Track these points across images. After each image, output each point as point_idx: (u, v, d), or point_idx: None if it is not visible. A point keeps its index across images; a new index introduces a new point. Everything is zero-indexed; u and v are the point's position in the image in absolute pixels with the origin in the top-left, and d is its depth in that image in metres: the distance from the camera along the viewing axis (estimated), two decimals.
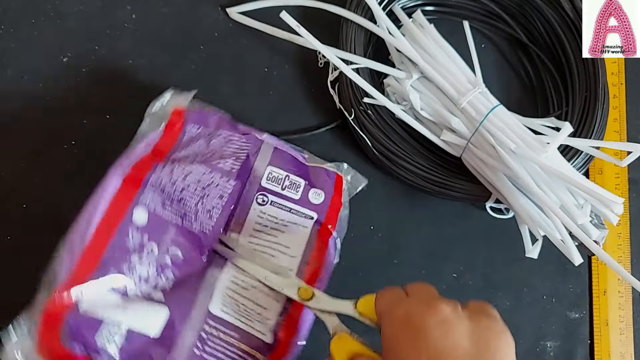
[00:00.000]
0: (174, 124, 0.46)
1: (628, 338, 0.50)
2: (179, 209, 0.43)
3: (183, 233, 0.43)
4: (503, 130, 0.45)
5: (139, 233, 0.42)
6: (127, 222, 0.42)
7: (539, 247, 0.45)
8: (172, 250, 0.42)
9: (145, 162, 0.44)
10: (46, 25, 0.52)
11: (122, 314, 0.39)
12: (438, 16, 0.53)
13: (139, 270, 0.41)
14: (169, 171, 0.44)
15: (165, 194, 0.43)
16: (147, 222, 0.42)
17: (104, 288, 0.40)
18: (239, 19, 0.53)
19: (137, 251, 0.41)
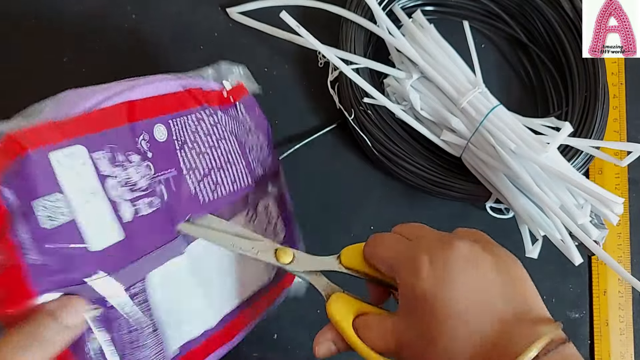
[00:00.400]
0: (233, 94, 0.43)
1: (628, 338, 0.50)
2: (193, 159, 0.39)
3: (178, 182, 0.38)
4: (503, 130, 0.45)
5: (148, 144, 0.37)
6: (149, 124, 0.37)
7: (539, 247, 0.45)
8: (162, 187, 0.37)
9: (199, 95, 0.41)
10: (46, 25, 0.52)
11: (82, 197, 0.33)
12: (438, 16, 0.53)
13: (129, 172, 0.35)
14: (212, 121, 0.41)
15: (194, 135, 0.40)
16: (163, 142, 0.38)
17: (80, 158, 0.33)
18: (239, 19, 0.53)
19: (138, 154, 0.36)
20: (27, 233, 0.30)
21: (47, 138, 0.33)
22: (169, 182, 0.38)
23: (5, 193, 0.31)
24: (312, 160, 0.51)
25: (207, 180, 0.40)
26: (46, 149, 0.32)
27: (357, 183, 0.51)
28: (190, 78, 0.42)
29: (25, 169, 0.31)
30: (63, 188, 0.32)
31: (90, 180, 0.33)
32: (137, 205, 0.35)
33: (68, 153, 0.33)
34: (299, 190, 0.51)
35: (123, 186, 0.35)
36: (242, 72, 0.46)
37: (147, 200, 0.36)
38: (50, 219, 0.31)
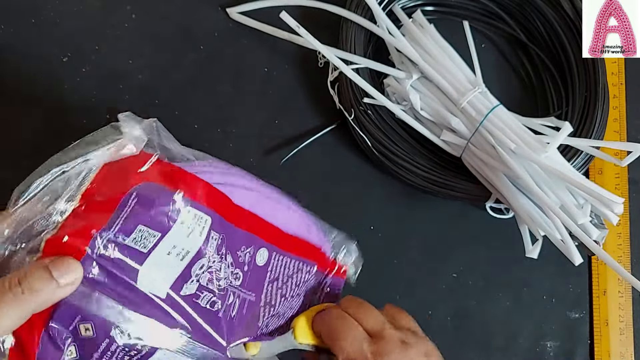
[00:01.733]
0: (334, 270, 0.45)
1: (628, 338, 0.50)
2: (274, 297, 0.41)
3: (251, 308, 0.39)
4: (503, 130, 0.45)
5: (250, 259, 0.38)
6: (258, 243, 0.39)
7: (539, 247, 0.45)
8: (236, 301, 0.37)
9: (315, 253, 0.44)
10: (46, 25, 0.52)
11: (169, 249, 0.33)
12: (438, 16, 0.53)
13: (221, 266, 0.36)
14: (306, 278, 0.43)
15: (287, 279, 0.41)
16: (260, 266, 0.39)
17: (201, 225, 0.35)
18: (239, 19, 0.53)
19: (236, 260, 0.37)
20: (113, 232, 0.31)
21: (197, 193, 0.35)
22: (244, 303, 0.38)
23: (132, 199, 0.32)
24: (312, 160, 0.51)
25: (272, 319, 0.41)
26: (189, 201, 0.34)
27: (357, 183, 0.52)
28: (314, 224, 0.44)
29: (162, 198, 0.33)
30: (166, 236, 0.33)
31: (190, 246, 0.34)
32: (201, 294, 0.35)
33: (199, 216, 0.35)
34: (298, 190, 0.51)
35: (207, 272, 0.35)
36: (356, 260, 0.47)
37: (213, 298, 0.36)
38: (134, 242, 0.32)
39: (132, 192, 0.33)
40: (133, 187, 0.33)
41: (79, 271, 0.30)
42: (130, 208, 0.32)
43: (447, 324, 0.50)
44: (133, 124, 0.35)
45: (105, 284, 0.31)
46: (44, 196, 0.32)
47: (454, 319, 0.50)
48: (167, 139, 0.37)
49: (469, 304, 0.51)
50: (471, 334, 0.50)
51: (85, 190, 0.33)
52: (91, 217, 0.32)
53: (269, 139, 0.51)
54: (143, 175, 0.34)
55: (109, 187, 0.33)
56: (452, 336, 0.50)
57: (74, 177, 0.33)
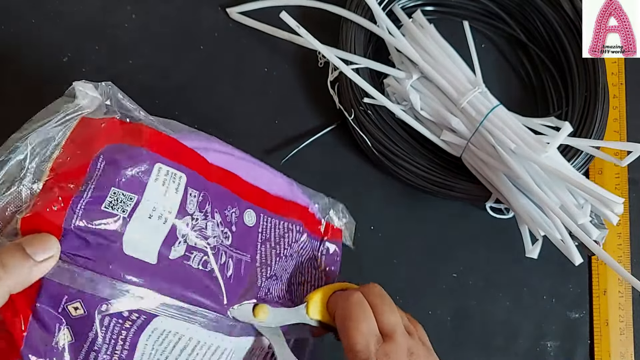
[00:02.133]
0: (328, 231, 0.47)
1: (628, 338, 0.50)
2: (269, 257, 0.40)
3: (248, 269, 0.38)
4: (503, 130, 0.45)
5: (236, 219, 0.38)
6: (244, 204, 0.39)
7: (539, 247, 0.45)
8: (231, 262, 0.37)
9: (302, 212, 0.44)
10: (46, 25, 0.52)
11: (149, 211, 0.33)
12: (438, 16, 0.53)
13: (207, 224, 0.36)
14: (296, 238, 0.43)
15: (279, 239, 0.41)
16: (249, 227, 0.39)
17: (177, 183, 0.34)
18: (239, 19, 0.53)
19: (224, 219, 0.37)
20: (86, 199, 0.31)
21: (164, 149, 0.34)
22: (239, 263, 0.38)
23: (100, 162, 0.32)
24: (312, 160, 0.51)
25: (271, 281, 0.40)
26: (157, 157, 0.34)
27: (357, 183, 0.51)
28: (300, 189, 0.44)
29: (130, 156, 0.32)
30: (143, 196, 0.32)
31: (169, 205, 0.33)
32: (191, 254, 0.34)
33: (171, 173, 0.34)
34: None
35: (194, 230, 0.35)
36: (348, 222, 0.48)
37: (204, 258, 0.35)
38: (111, 207, 0.31)
39: (98, 155, 0.32)
40: (99, 150, 0.32)
41: (55, 246, 0.30)
42: (100, 171, 0.31)
43: (447, 324, 0.50)
44: (87, 88, 0.35)
45: (89, 257, 0.31)
46: (9, 177, 0.31)
47: (454, 319, 0.50)
48: (128, 102, 0.37)
49: (469, 304, 0.51)
50: (471, 334, 0.50)
51: (53, 163, 0.32)
52: (62, 188, 0.31)
53: (269, 139, 0.51)
54: (108, 137, 0.33)
55: (76, 155, 0.32)
56: (452, 336, 0.50)
57: (37, 151, 0.32)
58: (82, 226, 0.30)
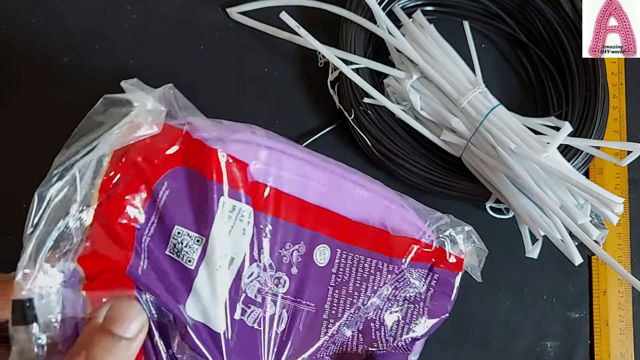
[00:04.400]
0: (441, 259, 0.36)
1: (628, 338, 0.50)
2: (342, 307, 0.32)
3: (311, 322, 0.31)
4: (503, 130, 0.45)
5: (299, 258, 0.30)
6: (317, 238, 0.31)
7: (539, 247, 0.45)
8: (285, 314, 0.30)
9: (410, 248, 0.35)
10: (46, 25, 0.52)
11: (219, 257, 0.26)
12: (438, 16, 0.53)
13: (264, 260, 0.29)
14: (388, 279, 0.34)
15: (361, 283, 0.32)
16: (320, 267, 0.31)
17: (246, 220, 0.27)
18: (239, 19, 0.53)
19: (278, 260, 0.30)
20: (146, 242, 0.26)
21: (232, 177, 0.27)
22: (299, 314, 0.30)
23: (163, 192, 0.26)
24: None
25: (337, 337, 0.32)
26: (222, 190, 0.27)
27: None
28: (399, 203, 0.34)
29: (199, 191, 0.26)
30: (209, 235, 0.26)
31: (235, 250, 0.27)
32: (248, 309, 0.28)
33: (237, 207, 0.27)
34: None
35: (256, 280, 0.29)
36: (474, 247, 0.40)
37: (260, 314, 0.29)
38: (175, 252, 0.26)
39: (160, 182, 0.26)
40: (162, 174, 0.26)
41: (142, 312, 0.25)
42: (162, 203, 0.25)
43: (447, 324, 0.50)
44: (143, 94, 0.28)
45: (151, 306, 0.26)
46: (59, 212, 0.26)
47: (454, 319, 0.50)
48: (189, 108, 0.30)
49: (469, 304, 0.51)
50: (471, 334, 0.50)
51: (102, 184, 0.26)
52: (117, 220, 0.25)
53: None
54: (172, 158, 0.26)
55: (131, 177, 0.26)
56: (452, 336, 0.50)
57: (82, 172, 0.26)
58: (148, 270, 0.25)
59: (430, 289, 0.37)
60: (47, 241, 0.25)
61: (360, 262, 0.33)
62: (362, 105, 0.48)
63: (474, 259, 0.39)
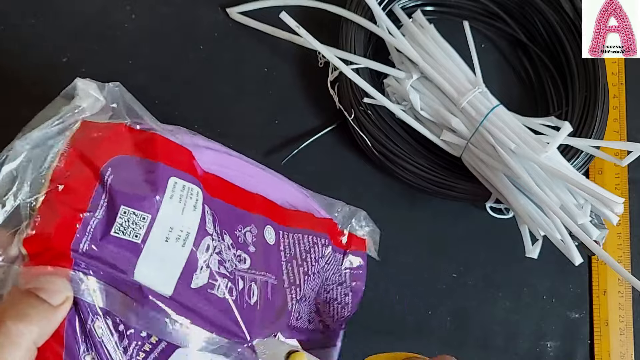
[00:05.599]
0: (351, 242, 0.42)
1: (628, 338, 0.50)
2: (298, 276, 0.37)
3: (276, 291, 0.35)
4: (503, 130, 0.45)
5: (254, 238, 0.34)
6: (263, 221, 0.35)
7: (539, 247, 0.45)
8: (255, 287, 0.33)
9: (329, 225, 0.41)
10: (46, 26, 0.52)
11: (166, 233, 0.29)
12: (438, 16, 0.53)
13: (223, 247, 0.32)
14: (322, 253, 0.39)
15: (305, 254, 0.38)
16: (270, 245, 0.35)
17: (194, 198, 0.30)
18: (239, 19, 0.53)
19: (235, 240, 0.33)
20: (95, 220, 0.27)
21: (179, 161, 0.30)
22: (266, 286, 0.34)
23: (108, 176, 0.28)
24: (312, 160, 0.51)
25: (301, 303, 0.36)
26: (172, 171, 0.29)
27: (357, 183, 0.51)
28: (314, 199, 0.40)
29: (141, 170, 0.29)
30: (158, 214, 0.28)
31: (188, 225, 0.29)
32: (216, 282, 0.30)
33: (188, 187, 0.30)
34: None
35: (214, 253, 0.31)
36: (372, 230, 0.45)
37: (229, 285, 0.31)
38: (121, 230, 0.28)
39: (106, 167, 0.28)
40: (106, 161, 0.28)
41: (67, 287, 0.26)
42: (108, 186, 0.28)
43: (447, 324, 0.50)
44: (90, 87, 0.31)
45: (100, 287, 0.28)
46: (1, 190, 0.28)
47: (454, 319, 0.50)
48: (136, 106, 0.32)
49: (469, 304, 0.51)
50: (471, 334, 0.50)
51: (53, 173, 0.28)
52: (66, 204, 0.27)
53: (269, 139, 0.51)
54: (116, 146, 0.29)
55: (79, 165, 0.29)
56: (452, 336, 0.50)
57: (32, 160, 0.29)
58: (90, 252, 0.27)
59: (347, 270, 0.42)
60: None
61: (299, 239, 0.38)
62: (362, 105, 0.48)
63: (371, 240, 0.45)
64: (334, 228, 0.41)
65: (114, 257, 0.28)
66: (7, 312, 0.25)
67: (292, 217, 0.38)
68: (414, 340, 0.50)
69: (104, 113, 0.31)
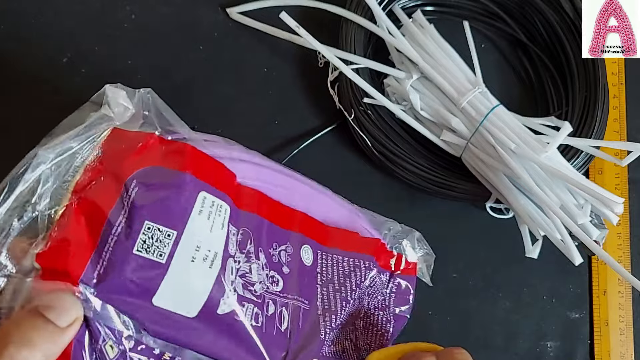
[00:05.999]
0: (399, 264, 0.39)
1: (628, 338, 0.50)
2: (334, 302, 0.34)
3: (307, 317, 0.33)
4: (503, 130, 0.45)
5: (289, 258, 0.32)
6: (301, 240, 0.33)
7: (539, 247, 0.45)
8: (285, 312, 0.31)
9: (375, 246, 0.38)
10: (46, 26, 0.52)
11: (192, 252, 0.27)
12: (438, 16, 0.53)
13: (251, 267, 0.30)
14: (366, 276, 0.36)
15: (345, 279, 0.35)
16: (307, 266, 0.33)
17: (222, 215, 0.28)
18: (238, 19, 0.53)
19: (269, 259, 0.31)
20: (114, 242, 0.25)
21: (210, 174, 0.28)
22: (297, 312, 0.32)
23: (132, 189, 0.26)
24: (312, 160, 0.51)
25: (336, 332, 0.34)
26: (202, 185, 0.27)
27: (357, 183, 0.52)
28: (364, 216, 0.37)
29: (169, 183, 0.27)
30: (184, 231, 0.26)
31: (216, 245, 0.27)
32: (243, 307, 0.28)
33: (217, 204, 0.28)
34: None
35: (239, 276, 0.29)
36: (427, 253, 0.44)
37: (255, 310, 0.29)
38: (144, 249, 0.26)
39: (131, 179, 0.26)
40: (133, 172, 0.27)
41: (79, 304, 0.25)
42: (130, 200, 0.25)
43: (447, 324, 0.50)
44: (119, 95, 0.29)
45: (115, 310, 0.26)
46: (21, 201, 0.26)
47: (454, 319, 0.50)
48: (168, 114, 0.31)
49: (469, 304, 0.51)
50: (471, 333, 0.50)
51: (76, 184, 0.27)
52: (87, 217, 0.26)
53: (269, 139, 0.51)
54: (144, 157, 0.28)
55: (104, 176, 0.27)
56: (452, 336, 0.50)
57: (55, 170, 0.27)
58: (109, 273, 0.25)
59: (392, 295, 0.39)
60: (7, 229, 0.25)
61: (339, 261, 0.35)
62: (362, 105, 0.48)
63: (424, 263, 0.43)
64: (381, 248, 0.38)
65: (133, 280, 0.26)
66: (12, 336, 0.24)
67: (333, 236, 0.36)
68: (414, 340, 0.50)
69: (135, 121, 0.30)
